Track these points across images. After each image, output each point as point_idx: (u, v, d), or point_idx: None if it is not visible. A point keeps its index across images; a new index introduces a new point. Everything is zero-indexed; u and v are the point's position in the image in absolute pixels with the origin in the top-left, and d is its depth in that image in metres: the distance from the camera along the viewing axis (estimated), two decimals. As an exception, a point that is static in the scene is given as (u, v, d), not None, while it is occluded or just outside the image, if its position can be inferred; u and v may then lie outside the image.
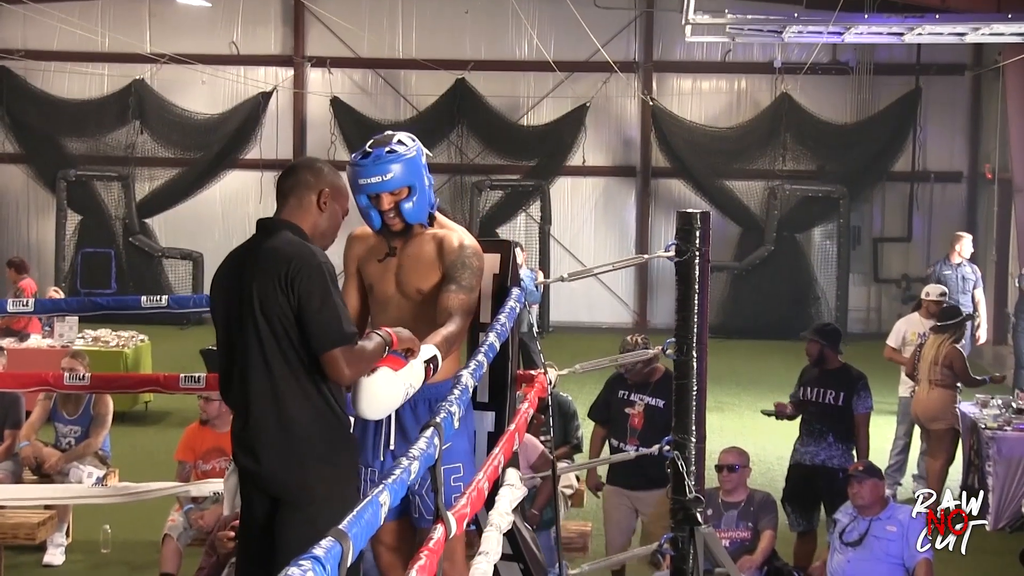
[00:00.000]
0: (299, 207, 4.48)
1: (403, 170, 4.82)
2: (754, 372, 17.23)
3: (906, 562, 7.57)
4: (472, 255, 4.95)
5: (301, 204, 4.48)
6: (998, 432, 10.50)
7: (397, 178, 4.81)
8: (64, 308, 9.17)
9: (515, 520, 4.70)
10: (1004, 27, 14.73)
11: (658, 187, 22.44)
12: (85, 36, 20.75)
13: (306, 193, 4.49)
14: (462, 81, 21.87)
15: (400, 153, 4.85)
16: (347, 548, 2.44)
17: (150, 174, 22.54)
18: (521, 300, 5.11)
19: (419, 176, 4.87)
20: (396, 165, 4.81)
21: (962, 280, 14.16)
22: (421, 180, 4.88)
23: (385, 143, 4.89)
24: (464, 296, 4.83)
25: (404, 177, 4.83)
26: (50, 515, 9.43)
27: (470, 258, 4.94)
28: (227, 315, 4.43)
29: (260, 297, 4.27)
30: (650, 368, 8.41)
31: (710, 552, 5.57)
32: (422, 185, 4.88)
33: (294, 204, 4.49)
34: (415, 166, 4.86)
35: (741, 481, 8.24)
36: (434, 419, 3.39)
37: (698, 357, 5.59)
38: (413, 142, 4.94)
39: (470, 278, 4.90)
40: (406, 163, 4.84)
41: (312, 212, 4.49)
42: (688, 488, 5.59)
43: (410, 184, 4.85)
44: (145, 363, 14.61)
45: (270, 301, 4.25)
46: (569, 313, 21.58)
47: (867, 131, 21.53)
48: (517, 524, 5.04)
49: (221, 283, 4.51)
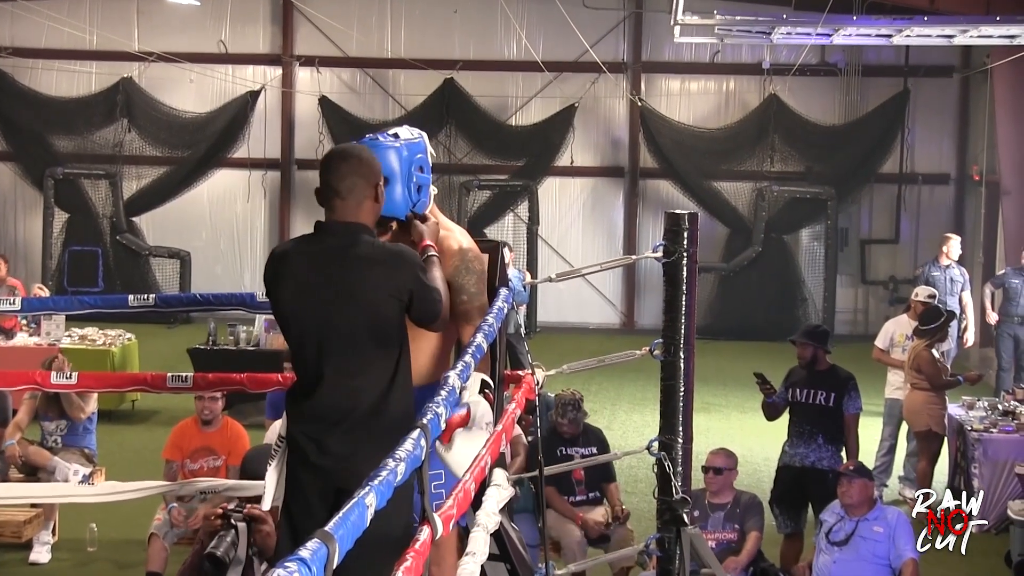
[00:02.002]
0: (358, 208, 4.55)
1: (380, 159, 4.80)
2: (741, 373, 17.18)
3: (892, 563, 7.59)
4: (474, 259, 4.97)
5: (361, 205, 4.55)
6: (984, 434, 10.55)
7: None
8: (51, 307, 9.13)
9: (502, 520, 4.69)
10: (992, 29, 14.76)
11: (646, 188, 22.46)
12: (73, 34, 20.71)
13: (363, 195, 4.55)
14: (450, 81, 21.86)
15: (381, 143, 4.84)
16: (333, 550, 2.44)
17: (138, 172, 22.48)
18: (509, 301, 5.10)
19: (398, 169, 4.82)
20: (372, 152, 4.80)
21: (950, 282, 14.19)
22: (399, 174, 4.82)
23: (381, 132, 4.90)
24: (478, 303, 4.91)
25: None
26: (36, 513, 9.43)
27: (472, 263, 4.95)
28: (307, 312, 4.50)
29: (371, 301, 4.43)
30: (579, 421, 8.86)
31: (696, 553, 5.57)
32: (402, 179, 4.83)
33: (353, 206, 4.55)
34: (395, 157, 4.82)
35: (727, 483, 8.26)
36: (420, 420, 3.38)
37: (685, 358, 5.59)
38: (410, 135, 4.92)
39: (477, 283, 4.94)
40: (383, 152, 4.79)
41: (370, 209, 4.58)
42: (675, 489, 5.60)
43: (385, 174, 4.79)
44: (132, 362, 14.58)
45: (382, 306, 4.44)
46: (557, 314, 21.58)
47: (855, 133, 21.56)
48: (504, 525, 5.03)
49: (292, 281, 4.55)
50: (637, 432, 13.72)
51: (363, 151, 4.64)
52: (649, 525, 6.88)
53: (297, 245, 4.66)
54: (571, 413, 8.81)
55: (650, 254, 5.65)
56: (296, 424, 4.54)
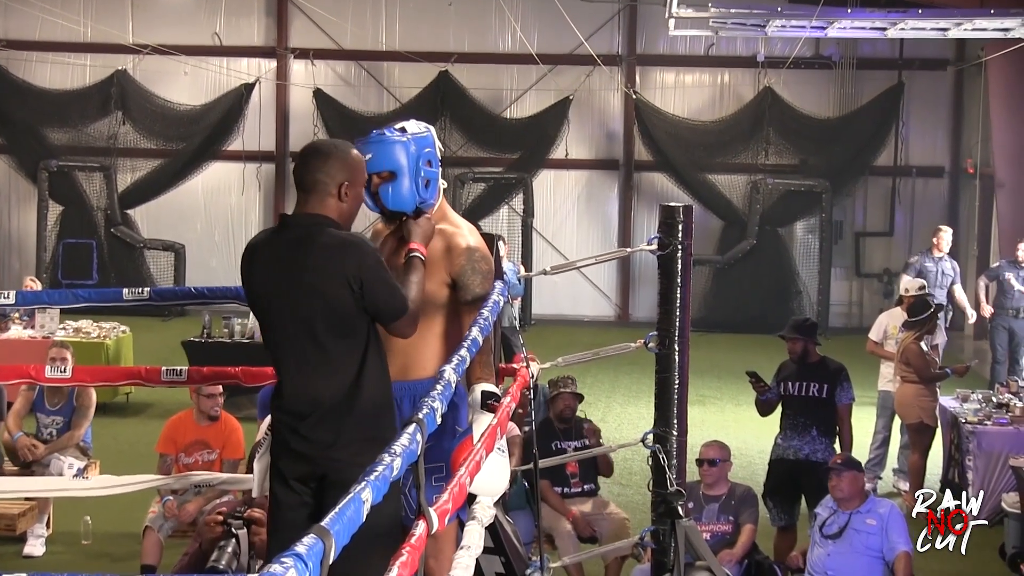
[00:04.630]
0: (321, 204, 4.56)
1: (384, 153, 4.81)
2: (736, 365, 17.17)
3: (885, 555, 7.60)
4: (480, 259, 4.96)
5: (324, 202, 4.55)
6: (978, 427, 10.56)
7: (377, 159, 4.79)
8: (45, 300, 9.12)
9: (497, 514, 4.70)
10: (987, 22, 14.78)
11: (641, 180, 22.46)
12: (67, 26, 20.70)
13: (325, 192, 4.55)
14: (445, 73, 21.86)
15: (387, 136, 4.85)
16: (329, 545, 2.44)
17: (132, 165, 22.45)
18: (504, 293, 5.10)
19: (405, 163, 4.83)
20: (379, 146, 4.81)
21: (942, 275, 14.19)
22: (406, 168, 4.84)
23: (388, 127, 4.91)
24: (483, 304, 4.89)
25: (385, 160, 4.82)
26: (31, 506, 9.43)
27: (479, 263, 4.96)
28: (272, 305, 4.56)
29: (323, 290, 4.42)
30: (573, 415, 8.88)
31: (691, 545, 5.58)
32: (409, 173, 4.85)
33: (316, 201, 4.56)
34: (402, 151, 4.84)
35: (722, 475, 8.26)
36: (416, 415, 3.38)
37: (680, 350, 5.60)
38: (418, 130, 4.93)
39: (482, 283, 4.94)
40: (390, 146, 4.82)
41: (334, 206, 4.57)
42: (669, 481, 5.61)
43: (392, 169, 4.82)
44: (127, 355, 14.58)
45: (335, 294, 4.41)
46: (552, 306, 21.60)
47: (849, 125, 21.56)
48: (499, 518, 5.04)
49: (260, 274, 4.60)
50: (632, 425, 13.73)
51: (336, 148, 4.64)
52: (644, 518, 6.89)
53: (266, 237, 4.71)
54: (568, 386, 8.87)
55: (645, 247, 5.66)
56: (275, 413, 4.63)
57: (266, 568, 2.25)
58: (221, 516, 6.32)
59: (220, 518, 6.25)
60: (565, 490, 8.75)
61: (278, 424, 4.61)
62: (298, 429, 4.51)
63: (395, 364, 4.81)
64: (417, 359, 4.92)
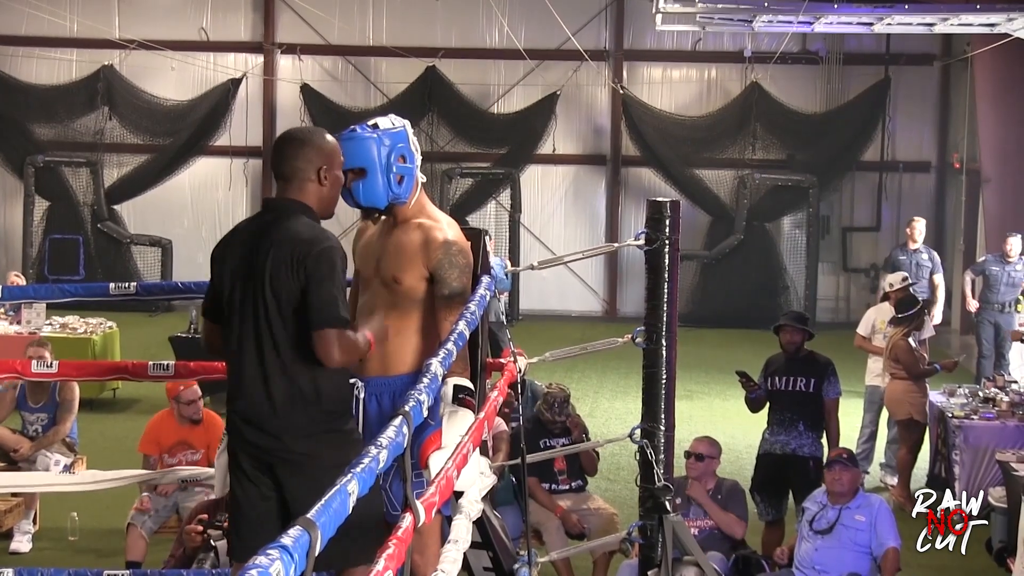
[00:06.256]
0: (301, 191, 4.56)
1: (355, 150, 4.82)
2: (723, 361, 17.24)
3: (874, 551, 7.61)
4: (458, 252, 4.94)
5: (303, 189, 4.56)
6: (964, 421, 10.57)
7: (348, 156, 4.78)
8: (31, 295, 9.09)
9: (484, 508, 4.69)
10: (973, 18, 14.78)
11: (628, 176, 22.47)
12: (53, 21, 20.63)
13: (305, 177, 4.55)
14: (432, 69, 21.83)
15: (358, 133, 4.87)
16: (315, 537, 2.44)
17: (119, 160, 22.43)
18: (491, 288, 5.10)
19: (374, 160, 4.84)
20: (349, 143, 4.82)
21: (917, 266, 14.17)
22: (376, 164, 4.84)
23: (361, 124, 4.92)
24: (459, 298, 4.86)
25: (356, 157, 4.82)
26: (17, 502, 9.40)
27: (456, 256, 4.93)
28: (233, 290, 4.55)
29: (271, 275, 4.40)
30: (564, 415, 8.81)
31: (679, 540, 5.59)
32: (379, 169, 4.85)
33: (295, 189, 4.56)
34: (371, 148, 4.84)
35: (708, 471, 8.25)
36: (403, 407, 3.37)
37: (667, 345, 5.61)
38: (391, 125, 4.93)
39: (460, 277, 4.92)
40: (360, 143, 4.84)
41: (314, 191, 4.57)
42: (657, 476, 5.61)
43: (363, 165, 4.84)
44: (113, 350, 14.53)
45: (280, 280, 4.40)
46: (539, 301, 21.60)
47: (836, 121, 21.60)
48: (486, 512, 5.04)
49: (229, 257, 4.62)
50: (619, 420, 13.73)
51: (311, 133, 4.66)
52: (632, 513, 6.89)
53: (243, 225, 4.74)
54: (558, 409, 8.80)
55: (632, 242, 5.66)
56: (229, 404, 4.61)
57: (252, 559, 2.24)
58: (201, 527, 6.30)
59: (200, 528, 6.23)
60: (553, 487, 8.73)
61: (232, 416, 4.58)
62: (251, 419, 4.48)
63: (373, 359, 4.81)
64: (396, 354, 4.91)
